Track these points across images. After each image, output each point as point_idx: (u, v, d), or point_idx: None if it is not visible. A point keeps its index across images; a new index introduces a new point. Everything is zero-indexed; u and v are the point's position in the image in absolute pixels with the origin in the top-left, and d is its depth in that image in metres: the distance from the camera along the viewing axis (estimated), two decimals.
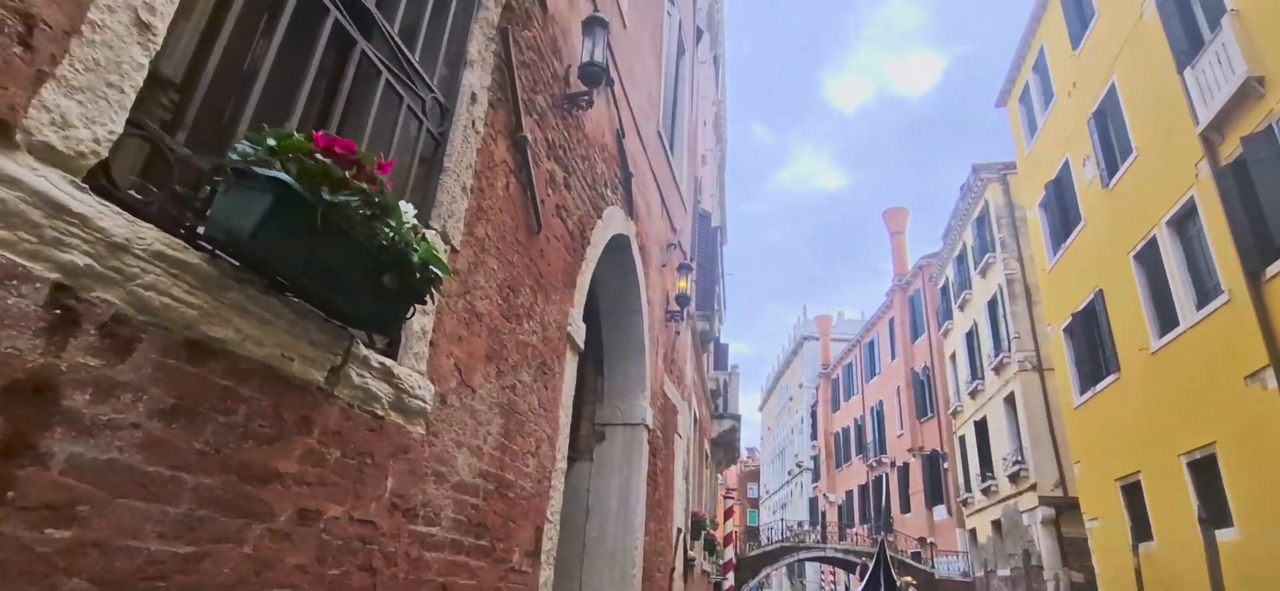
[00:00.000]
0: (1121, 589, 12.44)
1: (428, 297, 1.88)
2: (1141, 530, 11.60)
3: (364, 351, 1.91)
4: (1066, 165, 14.20)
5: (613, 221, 4.69)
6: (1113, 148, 12.37)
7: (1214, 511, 9.39)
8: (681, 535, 6.66)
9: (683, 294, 6.62)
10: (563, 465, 3.62)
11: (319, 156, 1.45)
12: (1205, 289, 9.75)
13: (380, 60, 2.10)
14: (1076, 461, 14.32)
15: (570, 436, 5.65)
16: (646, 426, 5.60)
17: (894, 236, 32.96)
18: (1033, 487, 17.26)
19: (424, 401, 2.21)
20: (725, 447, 16.58)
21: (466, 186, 2.56)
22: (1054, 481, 16.88)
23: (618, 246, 5.11)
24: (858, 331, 37.79)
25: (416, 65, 2.33)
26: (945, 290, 25.18)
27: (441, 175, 2.43)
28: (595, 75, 3.81)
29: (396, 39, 2.18)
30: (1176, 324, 10.28)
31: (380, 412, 1.99)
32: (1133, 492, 12.00)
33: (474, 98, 2.65)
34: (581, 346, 3.90)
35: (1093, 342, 13.27)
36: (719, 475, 19.98)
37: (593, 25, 3.91)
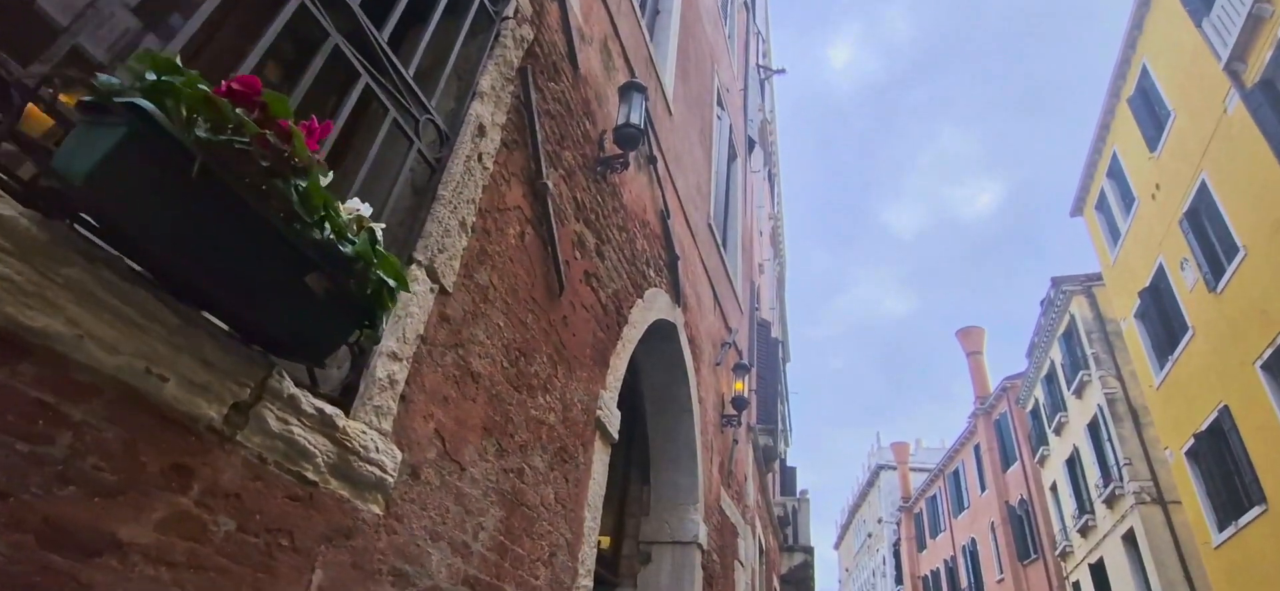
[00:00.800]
0: None
1: (378, 321, 1.42)
2: None
3: (292, 390, 1.45)
4: (1161, 270, 12.97)
5: (656, 304, 4.23)
6: (1213, 248, 11.21)
7: None
8: None
9: (740, 396, 5.96)
10: (588, 582, 2.96)
11: (202, 86, 1.08)
12: None
13: (358, 59, 1.80)
14: None
15: (611, 555, 4.92)
16: (700, 546, 4.82)
17: (971, 356, 30.98)
18: None
19: (384, 470, 1.71)
20: (797, 585, 14.87)
21: (467, 223, 2.18)
22: None
23: (663, 334, 4.62)
24: (940, 460, 34.84)
25: (408, 78, 2.03)
26: (1036, 413, 23.01)
27: (434, 203, 2.06)
28: (632, 137, 3.51)
29: (379, 37, 1.89)
30: None
31: (312, 476, 1.50)
32: None
33: (482, 130, 2.34)
34: (614, 435, 3.33)
35: (1226, 468, 11.41)
36: None
37: (630, 91, 3.66)
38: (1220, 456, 11.50)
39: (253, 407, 1.35)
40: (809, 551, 13.48)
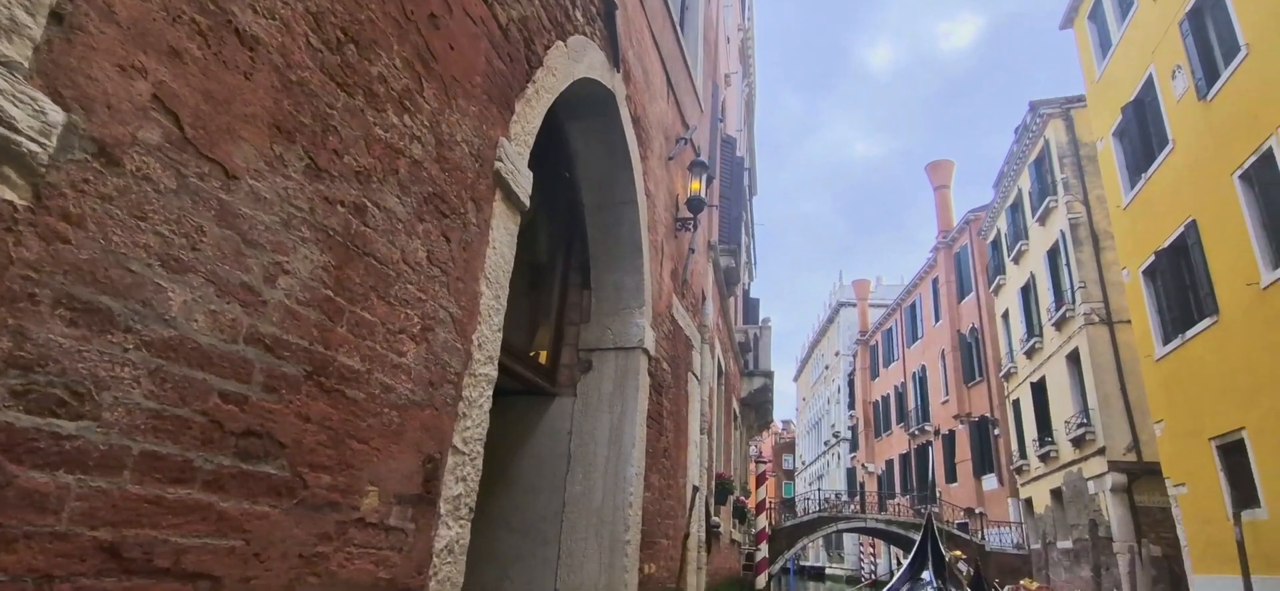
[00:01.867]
0: (1217, 562, 10.82)
1: None
2: (1245, 496, 9.93)
3: None
4: (1149, 82, 12.28)
5: (585, 58, 3.38)
6: (1212, 51, 10.48)
7: None
8: (697, 493, 5.42)
9: (696, 198, 5.28)
10: (489, 369, 2.37)
11: None
12: None
13: None
14: (1157, 421, 12.59)
15: (549, 365, 4.42)
16: (645, 351, 4.34)
17: (938, 191, 30.82)
18: (1101, 452, 15.55)
19: (16, 130, 0.96)
20: (757, 409, 15.28)
21: None
22: (1126, 445, 15.14)
23: (600, 106, 3.81)
24: (898, 295, 35.81)
25: None
26: (996, 244, 23.20)
27: None
28: None
29: None
30: None
31: None
32: (1233, 453, 10.31)
33: None
34: (524, 200, 2.62)
35: (1181, 283, 11.48)
36: (751, 442, 18.71)
37: None
38: (1178, 272, 11.52)
39: None
40: (768, 376, 13.63)
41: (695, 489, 5.48)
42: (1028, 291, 20.23)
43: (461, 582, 2.15)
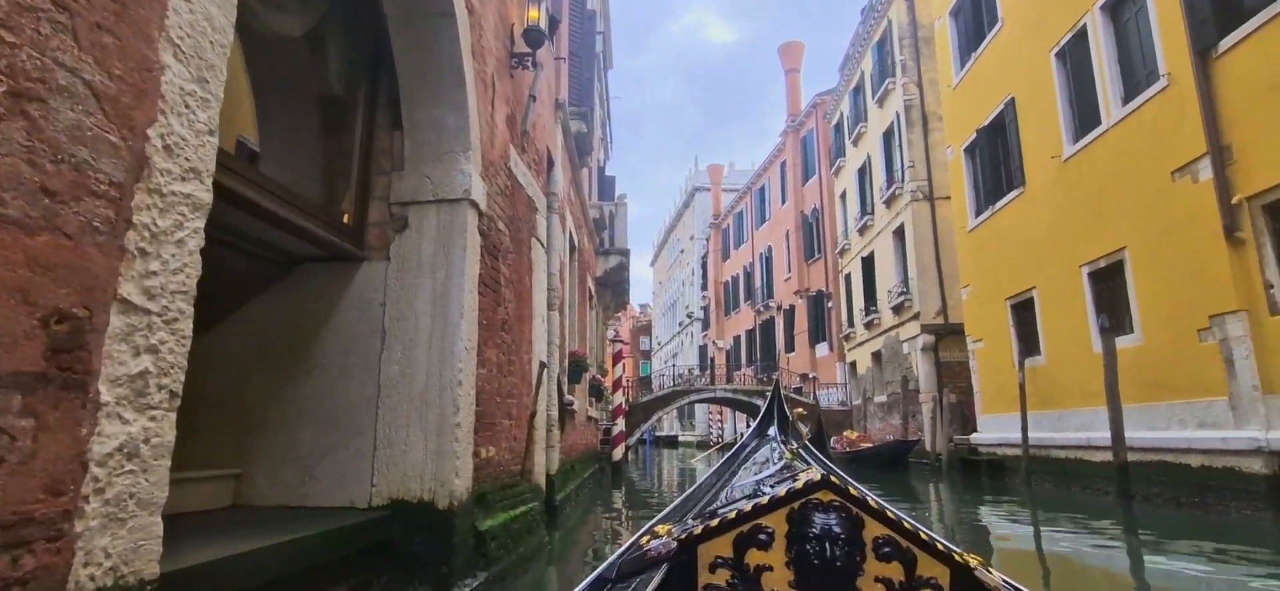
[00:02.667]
0: (1001, 404, 12.60)
1: None
2: (1029, 346, 11.47)
3: None
4: None
5: None
6: None
7: (1115, 319, 9.03)
8: (545, 370, 4.93)
9: (535, 28, 4.43)
10: (190, 192, 1.56)
11: None
12: (1135, 80, 8.81)
13: None
14: (965, 285, 14.11)
15: (354, 224, 3.56)
16: (474, 205, 3.60)
17: (789, 74, 31.47)
18: (916, 317, 17.36)
19: None
20: (613, 289, 15.08)
21: None
22: (936, 310, 16.99)
23: None
24: (749, 179, 37.05)
25: None
26: (839, 127, 24.29)
27: None
28: None
29: None
30: (1098, 123, 9.44)
31: None
32: (1023, 310, 11.79)
33: None
34: None
35: (996, 159, 12.54)
36: (608, 323, 18.72)
37: None
38: (994, 148, 12.54)
39: None
40: (624, 255, 13.35)
41: (542, 365, 5.00)
42: (864, 172, 21.54)
43: (163, 496, 1.45)
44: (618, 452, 13.92)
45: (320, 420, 3.38)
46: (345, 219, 3.51)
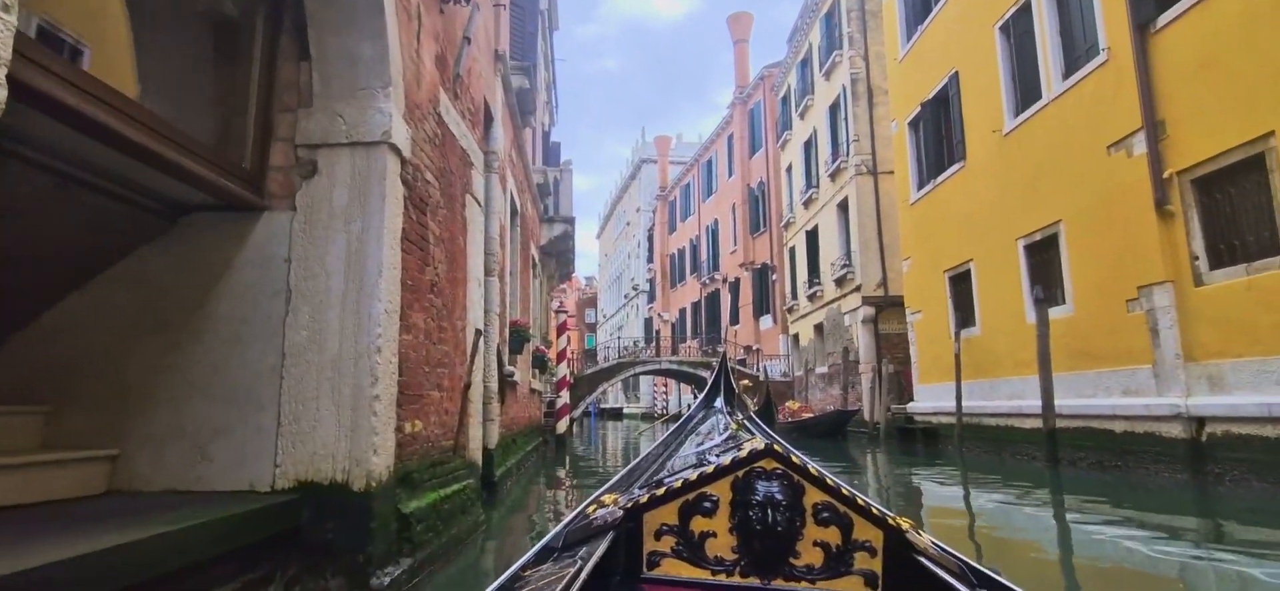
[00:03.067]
0: (937, 373, 12.94)
1: None
2: (965, 318, 11.76)
3: None
4: None
5: None
6: None
7: (1048, 291, 9.28)
8: (481, 337, 4.56)
9: None
10: None
11: None
12: (1076, 55, 8.96)
13: None
14: (906, 258, 14.36)
15: (253, 167, 3.09)
16: (395, 150, 3.18)
17: (737, 45, 31.28)
18: (857, 289, 17.66)
19: None
20: (558, 258, 14.65)
21: None
22: (877, 282, 17.32)
23: None
24: (696, 152, 36.88)
25: None
26: (786, 99, 24.32)
27: None
28: None
29: None
30: (1038, 98, 9.59)
31: None
32: (960, 282, 12.06)
33: None
34: None
35: (939, 133, 12.70)
36: (553, 295, 18.27)
37: None
38: (938, 122, 12.69)
39: None
40: (569, 222, 12.93)
41: (478, 333, 4.62)
42: (810, 146, 21.66)
43: None
44: (562, 425, 13.64)
45: (214, 393, 2.94)
46: (243, 163, 3.04)
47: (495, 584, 1.42)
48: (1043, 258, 9.74)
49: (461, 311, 4.43)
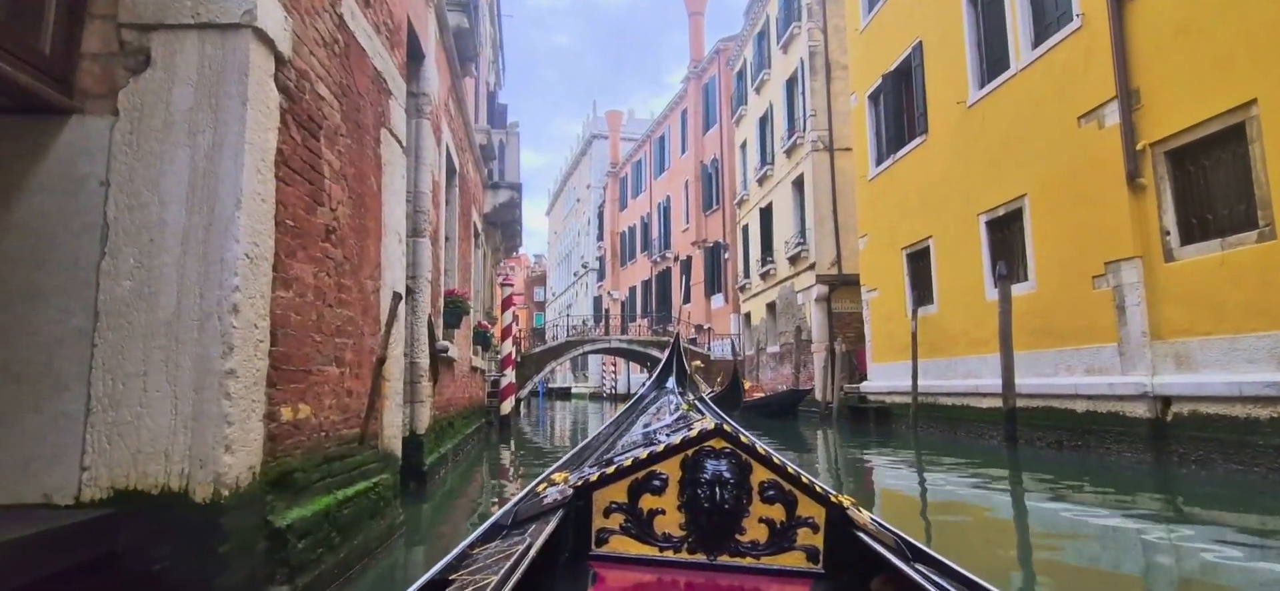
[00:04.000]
0: (891, 352, 12.73)
1: None
2: (923, 295, 11.52)
3: None
4: None
5: None
6: None
7: (1010, 268, 9.03)
8: (399, 303, 3.76)
9: None
10: None
11: None
12: (1047, 23, 8.64)
13: None
14: (863, 235, 14.08)
15: (58, 55, 2.21)
16: (265, 39, 2.36)
17: (692, 17, 30.54)
18: (811, 267, 17.38)
19: None
20: (504, 229, 13.72)
21: None
22: (831, 260, 17.07)
23: None
24: (648, 127, 36.08)
25: None
26: (742, 74, 23.78)
27: None
28: None
29: None
30: (1006, 68, 9.27)
31: None
32: (918, 260, 11.82)
33: None
34: None
35: (900, 106, 12.37)
36: (499, 269, 17.28)
37: None
38: (898, 95, 12.34)
39: None
40: (515, 189, 12.03)
41: (397, 297, 3.83)
42: (765, 121, 21.22)
43: None
44: (506, 406, 12.84)
45: None
46: (40, 46, 2.16)
47: (443, 562, 1.37)
48: (1005, 233, 9.50)
49: (374, 270, 3.62)
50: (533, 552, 1.31)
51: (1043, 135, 8.52)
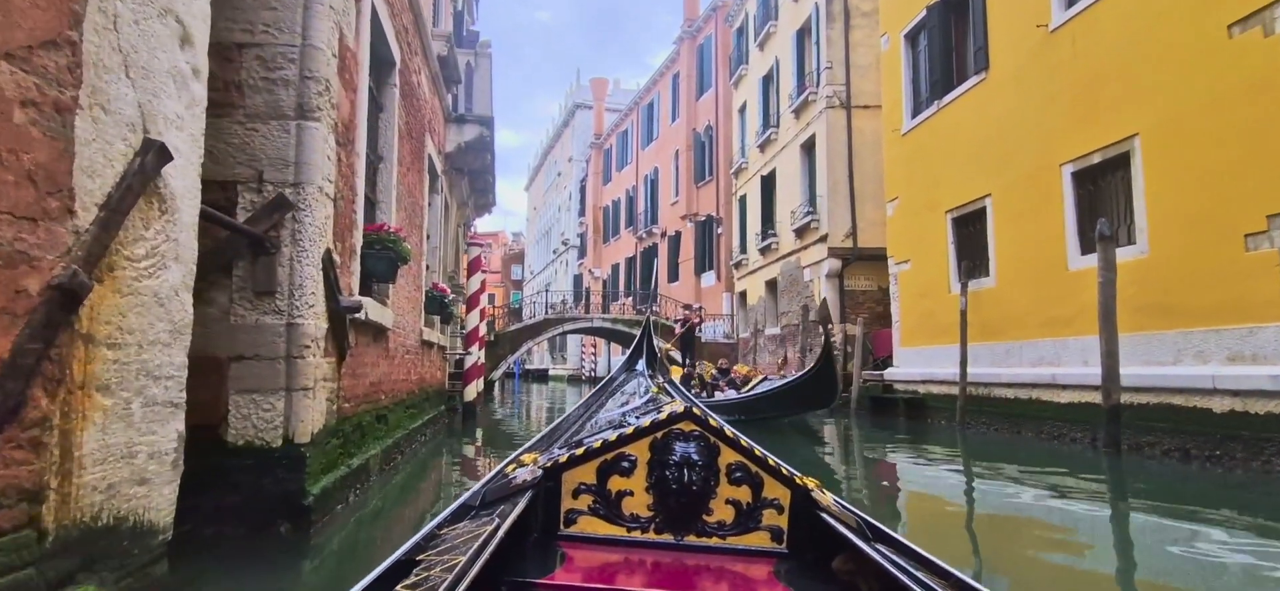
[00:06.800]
0: (926, 335, 10.88)
1: None
2: (976, 266, 9.63)
3: None
4: None
5: None
6: None
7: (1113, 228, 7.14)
8: (158, 162, 1.65)
9: None
10: None
11: None
12: None
13: None
14: (892, 198, 12.15)
15: None
16: None
17: None
18: (823, 239, 15.45)
19: None
20: (473, 178, 11.52)
21: None
22: (846, 232, 15.14)
23: None
24: (636, 95, 33.78)
25: None
26: (743, 30, 21.64)
27: None
28: None
29: None
30: None
31: None
32: (968, 224, 9.92)
33: None
34: None
35: (948, 42, 10.40)
36: (469, 232, 15.01)
37: None
38: (947, 30, 10.37)
39: None
40: (486, 124, 9.83)
41: (151, 147, 1.74)
42: (769, 80, 19.16)
43: None
44: (470, 391, 10.72)
45: None
46: None
47: (410, 542, 1.33)
48: (1099, 186, 7.61)
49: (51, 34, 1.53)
50: (501, 533, 1.31)
51: (1169, 56, 6.60)
